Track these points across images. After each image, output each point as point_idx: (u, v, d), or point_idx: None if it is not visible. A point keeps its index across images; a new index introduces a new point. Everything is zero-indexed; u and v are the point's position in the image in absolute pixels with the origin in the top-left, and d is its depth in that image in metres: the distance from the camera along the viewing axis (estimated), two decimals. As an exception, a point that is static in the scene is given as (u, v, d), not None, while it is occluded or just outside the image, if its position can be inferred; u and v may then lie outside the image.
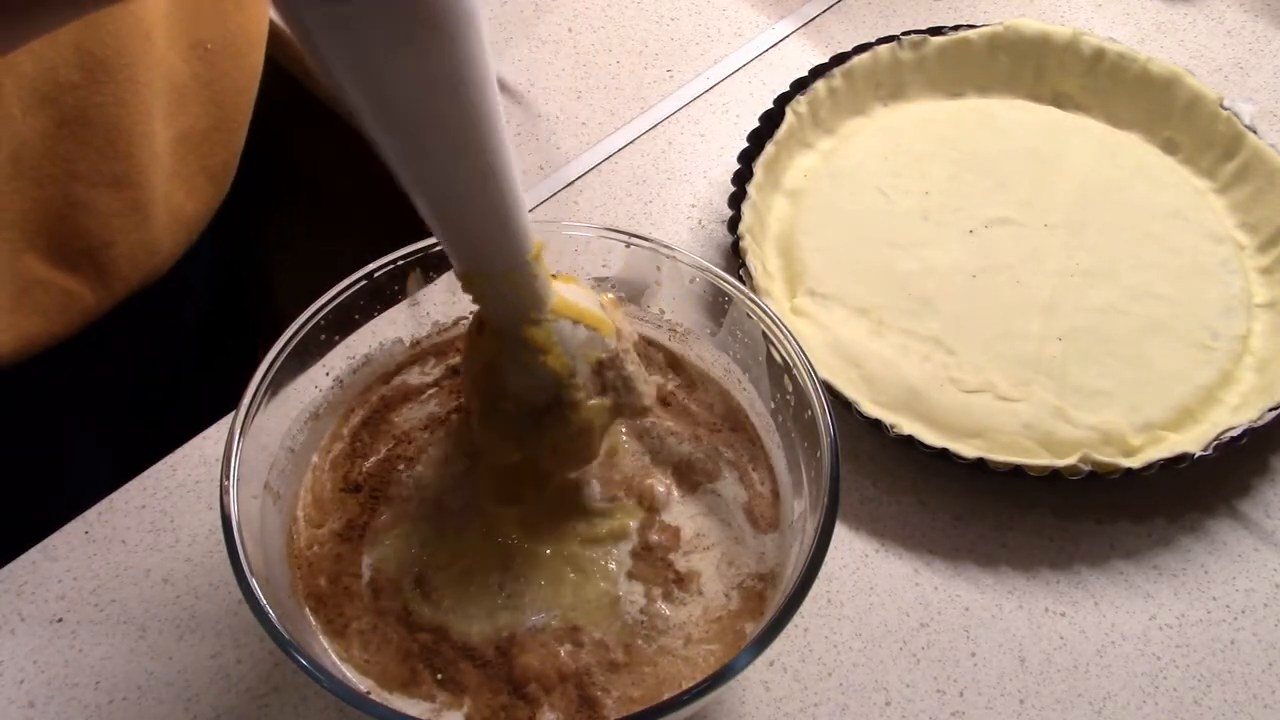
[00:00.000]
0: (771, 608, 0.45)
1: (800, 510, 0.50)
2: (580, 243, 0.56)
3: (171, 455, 0.60)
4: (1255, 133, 0.71)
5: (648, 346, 0.57)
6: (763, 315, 0.53)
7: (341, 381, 0.55)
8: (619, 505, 0.53)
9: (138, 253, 0.65)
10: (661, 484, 0.54)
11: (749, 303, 0.53)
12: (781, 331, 0.52)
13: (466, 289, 0.47)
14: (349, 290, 0.53)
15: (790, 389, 0.52)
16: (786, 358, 0.52)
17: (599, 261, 0.56)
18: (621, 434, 0.55)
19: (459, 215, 0.44)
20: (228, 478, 0.46)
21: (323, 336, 0.52)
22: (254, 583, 0.44)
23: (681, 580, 0.51)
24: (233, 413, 0.48)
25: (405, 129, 0.40)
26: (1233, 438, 0.59)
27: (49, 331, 0.63)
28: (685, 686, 0.44)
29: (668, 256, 0.55)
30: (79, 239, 0.62)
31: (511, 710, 0.47)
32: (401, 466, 0.54)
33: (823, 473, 0.48)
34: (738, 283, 0.54)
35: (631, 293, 0.57)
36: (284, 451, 0.52)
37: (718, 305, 0.55)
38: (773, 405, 0.54)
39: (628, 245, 0.56)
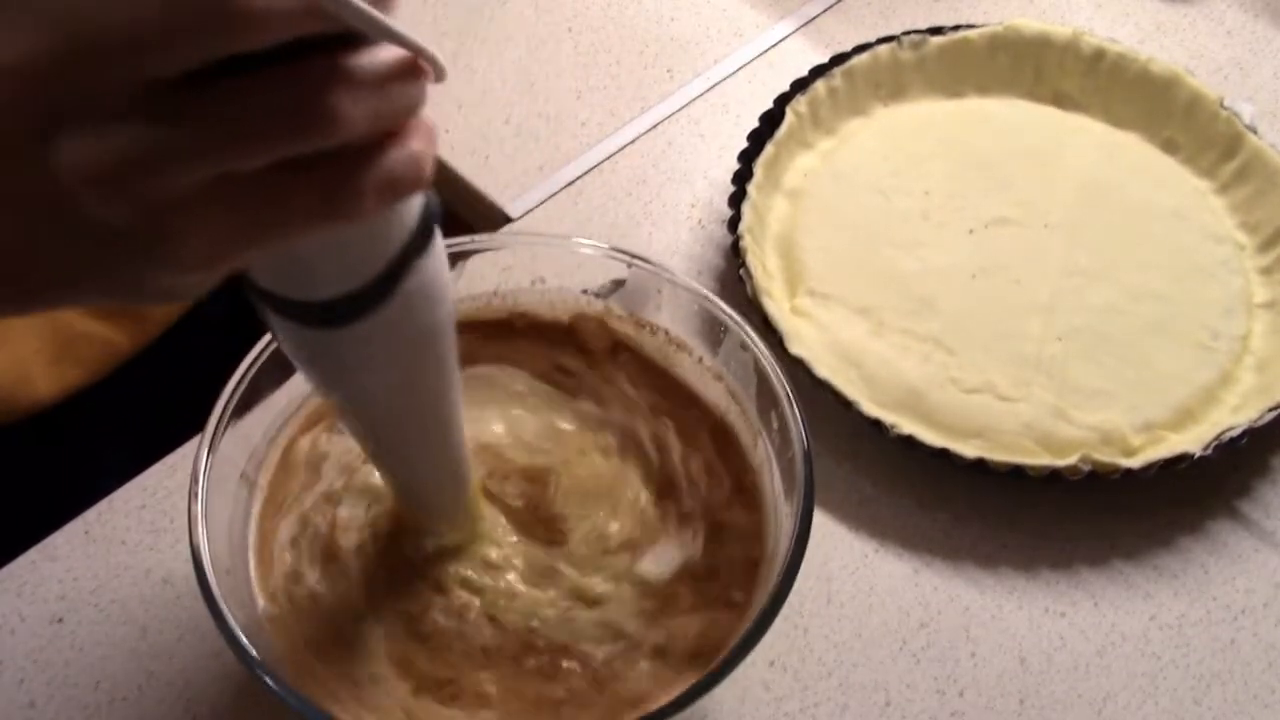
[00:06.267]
0: (752, 616, 0.46)
1: (781, 519, 0.50)
2: (584, 259, 0.56)
3: (171, 455, 0.60)
4: (1255, 133, 0.71)
5: (642, 372, 0.57)
6: (758, 353, 0.52)
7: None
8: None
9: None
10: (641, 498, 0.53)
11: (744, 335, 0.53)
12: (773, 371, 0.52)
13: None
14: None
15: (776, 426, 0.52)
16: (775, 393, 0.51)
17: (600, 277, 0.57)
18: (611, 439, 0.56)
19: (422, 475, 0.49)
20: (195, 497, 0.47)
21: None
22: (212, 580, 0.44)
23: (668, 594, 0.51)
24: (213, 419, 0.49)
25: (378, 417, 0.44)
26: (1233, 438, 0.59)
27: (87, 379, 0.65)
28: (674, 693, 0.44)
29: (668, 280, 0.55)
30: None
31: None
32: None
33: (796, 505, 0.49)
34: (734, 313, 0.54)
35: (632, 307, 0.57)
36: (265, 443, 0.52)
37: (714, 333, 0.55)
38: (763, 434, 0.53)
39: (629, 266, 0.56)
